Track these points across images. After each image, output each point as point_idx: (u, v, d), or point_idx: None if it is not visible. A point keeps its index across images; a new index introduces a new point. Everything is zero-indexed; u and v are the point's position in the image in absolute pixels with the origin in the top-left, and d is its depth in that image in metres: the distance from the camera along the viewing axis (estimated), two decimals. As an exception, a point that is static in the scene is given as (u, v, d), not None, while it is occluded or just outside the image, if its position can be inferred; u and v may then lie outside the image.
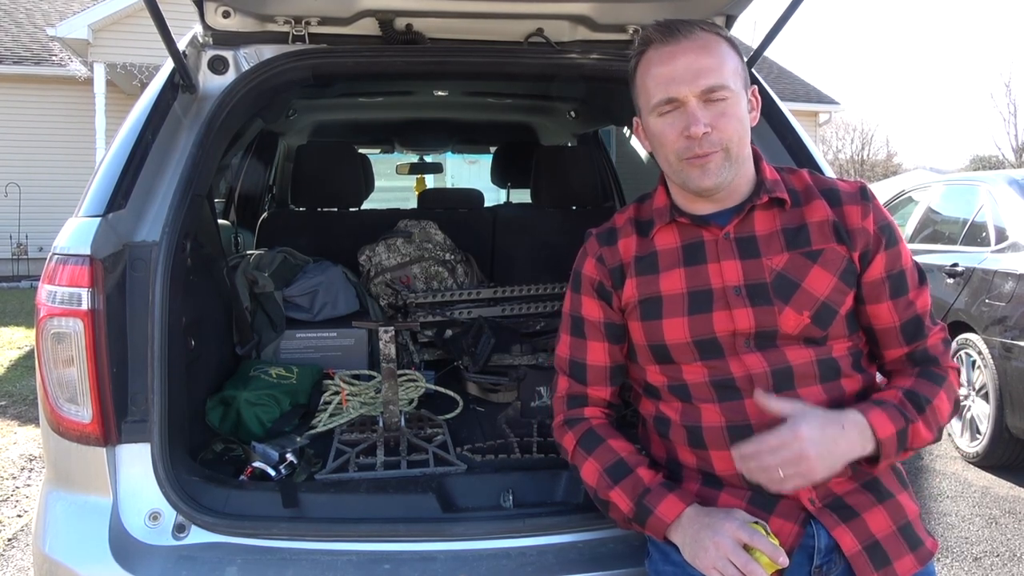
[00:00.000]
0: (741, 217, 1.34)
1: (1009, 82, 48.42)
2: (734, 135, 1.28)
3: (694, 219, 1.36)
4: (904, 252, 1.36)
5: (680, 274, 1.35)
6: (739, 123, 1.29)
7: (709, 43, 1.29)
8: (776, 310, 1.29)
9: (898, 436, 1.23)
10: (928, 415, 1.27)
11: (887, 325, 1.34)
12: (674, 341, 1.33)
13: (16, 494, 3.75)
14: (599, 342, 1.43)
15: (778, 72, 16.75)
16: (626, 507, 1.32)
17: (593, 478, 1.37)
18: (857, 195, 1.36)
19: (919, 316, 1.34)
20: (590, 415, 1.44)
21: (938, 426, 1.29)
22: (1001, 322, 4.12)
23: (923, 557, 1.28)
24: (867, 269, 1.33)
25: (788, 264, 1.31)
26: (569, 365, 1.46)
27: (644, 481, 1.32)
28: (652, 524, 1.29)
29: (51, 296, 1.50)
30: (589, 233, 1.48)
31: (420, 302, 2.73)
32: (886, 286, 1.33)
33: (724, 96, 1.27)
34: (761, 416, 1.26)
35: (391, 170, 5.86)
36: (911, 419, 1.25)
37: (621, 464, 1.35)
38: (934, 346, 1.35)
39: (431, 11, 1.96)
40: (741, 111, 1.30)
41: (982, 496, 3.95)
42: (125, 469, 1.53)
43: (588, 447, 1.39)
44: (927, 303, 1.37)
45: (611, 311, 1.42)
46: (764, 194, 1.33)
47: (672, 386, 1.36)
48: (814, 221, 1.34)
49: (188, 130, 1.80)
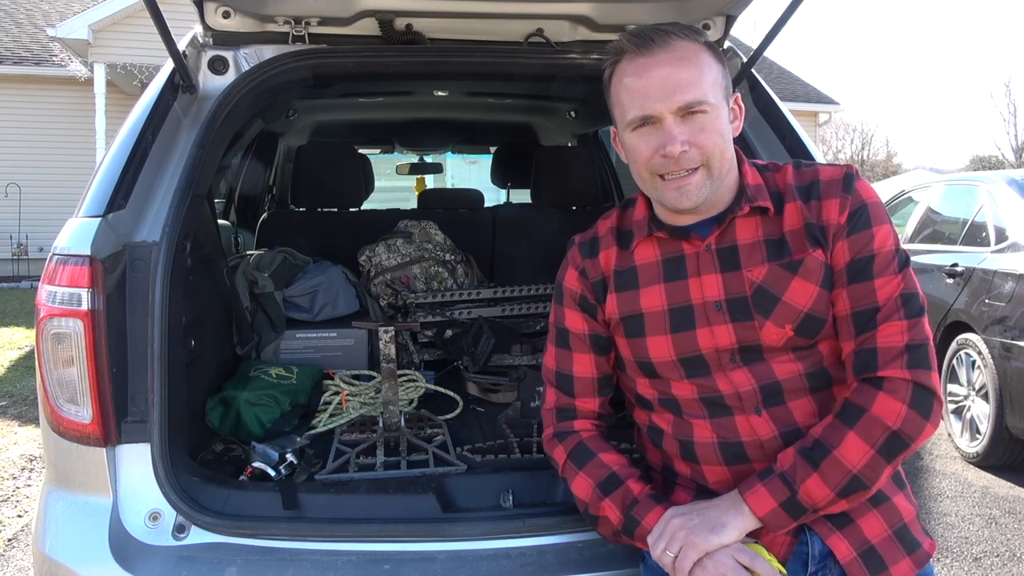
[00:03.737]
0: (723, 228, 1.29)
1: (1009, 82, 48.56)
2: (715, 150, 1.22)
3: (673, 232, 1.32)
4: (880, 237, 1.24)
5: (660, 290, 1.32)
6: (719, 137, 1.22)
7: (686, 54, 1.21)
8: (757, 324, 1.26)
9: (784, 507, 1.18)
10: (825, 468, 1.17)
11: (841, 313, 1.25)
12: (659, 359, 1.31)
13: (16, 494, 3.75)
14: (585, 354, 1.41)
15: (778, 72, 16.74)
16: (615, 518, 1.31)
17: (585, 493, 1.35)
18: (839, 185, 1.27)
19: (878, 306, 1.21)
20: (580, 428, 1.42)
21: (849, 475, 1.17)
22: (1001, 322, 4.12)
23: (920, 560, 1.26)
24: (831, 257, 1.26)
25: (768, 276, 1.26)
26: (556, 377, 1.44)
27: (633, 492, 1.30)
28: (640, 534, 1.28)
29: (51, 296, 1.50)
30: (572, 241, 1.45)
31: (420, 302, 2.72)
32: (845, 272, 1.24)
33: (703, 111, 1.20)
34: (752, 434, 1.26)
35: (391, 170, 5.86)
36: (796, 486, 1.17)
37: (613, 477, 1.33)
38: (886, 348, 1.19)
39: (431, 11, 1.95)
40: (722, 124, 1.23)
41: (982, 496, 3.94)
42: (125, 469, 1.53)
43: (579, 462, 1.37)
44: (896, 292, 1.21)
45: (596, 324, 1.40)
46: (746, 203, 1.28)
47: (663, 399, 1.34)
48: (789, 230, 1.28)
49: (188, 130, 1.80)
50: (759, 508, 1.19)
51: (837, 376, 1.28)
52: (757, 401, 1.26)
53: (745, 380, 1.27)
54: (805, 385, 1.27)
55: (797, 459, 1.20)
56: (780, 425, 1.26)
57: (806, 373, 1.27)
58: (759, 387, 1.27)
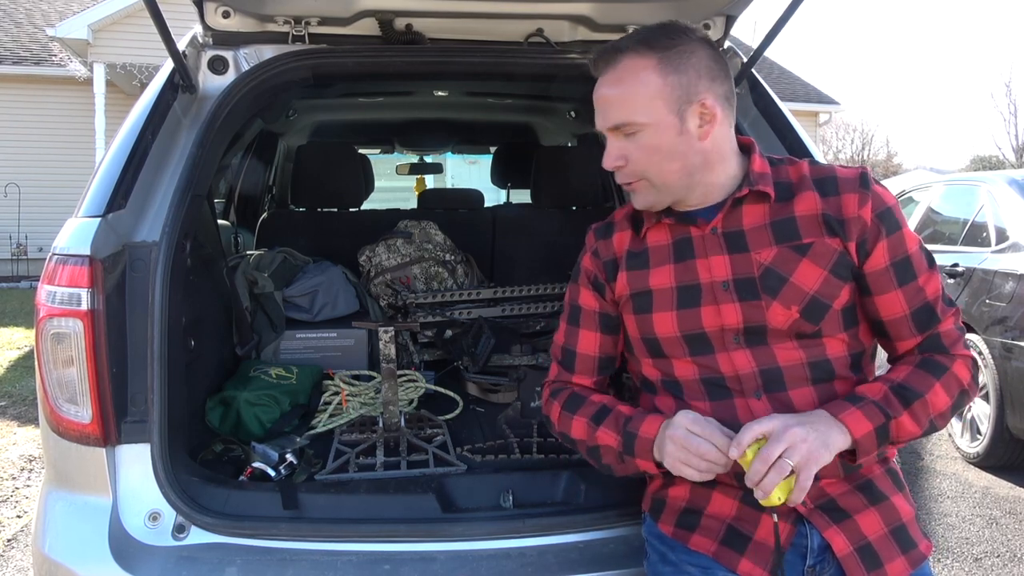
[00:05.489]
0: (725, 212, 1.33)
1: (1009, 82, 48.50)
2: (648, 165, 1.29)
3: (680, 217, 1.36)
4: (909, 236, 1.31)
5: (669, 270, 1.36)
6: (654, 153, 1.28)
7: (625, 73, 1.28)
8: (764, 304, 1.28)
9: (876, 432, 1.22)
10: (916, 408, 1.24)
11: (897, 315, 1.30)
12: (664, 335, 1.34)
13: (16, 494, 3.75)
14: (591, 331, 1.45)
15: (778, 72, 16.75)
16: (614, 441, 1.33)
17: (581, 430, 1.39)
18: (856, 182, 1.31)
19: (930, 302, 1.30)
20: (571, 385, 1.48)
21: (930, 419, 1.25)
22: (1001, 322, 4.12)
23: (916, 560, 1.27)
24: (868, 259, 1.29)
25: (776, 258, 1.29)
26: (562, 352, 1.50)
27: (624, 412, 1.35)
28: (640, 449, 1.29)
29: (51, 296, 1.50)
30: (589, 228, 1.51)
31: (420, 302, 2.72)
32: (892, 274, 1.29)
33: (633, 131, 1.28)
34: (751, 418, 1.26)
35: (391, 170, 5.86)
36: (892, 415, 1.22)
37: (603, 409, 1.38)
38: (947, 333, 1.31)
39: (431, 11, 1.95)
40: (658, 140, 1.27)
41: (982, 496, 3.94)
42: (125, 469, 1.53)
43: (572, 408, 1.42)
44: (938, 287, 1.31)
45: (605, 302, 1.44)
46: (746, 187, 1.31)
47: (666, 381, 1.37)
48: (802, 214, 1.31)
49: (188, 130, 1.80)
50: (857, 429, 1.21)
51: (840, 371, 1.30)
52: (757, 385, 1.28)
53: (746, 362, 1.29)
54: (807, 375, 1.28)
55: (888, 394, 1.24)
56: (779, 411, 1.26)
57: (808, 363, 1.28)
58: (759, 371, 1.28)
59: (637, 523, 1.49)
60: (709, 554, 1.30)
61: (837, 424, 1.20)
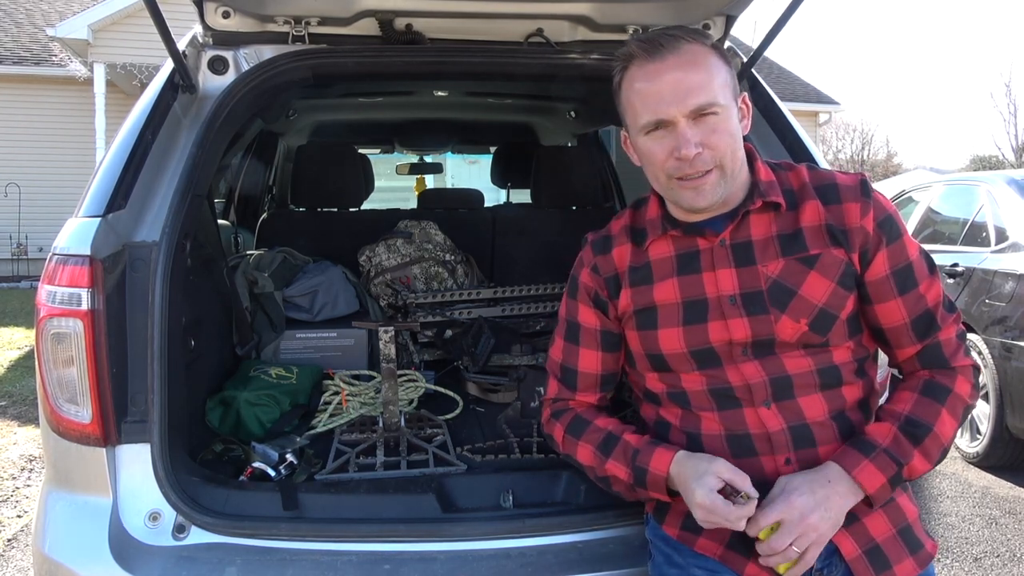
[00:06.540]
0: (736, 223, 1.31)
1: (1009, 82, 48.52)
2: (727, 151, 1.24)
3: (688, 229, 1.33)
4: (909, 244, 1.30)
5: (674, 284, 1.33)
6: (731, 137, 1.24)
7: (696, 57, 1.23)
8: (772, 319, 1.26)
9: (890, 482, 1.23)
10: (927, 445, 1.24)
11: (897, 323, 1.30)
12: (670, 351, 1.32)
13: (16, 494, 3.75)
14: (592, 350, 1.43)
15: (778, 72, 16.74)
16: (624, 474, 1.33)
17: (588, 457, 1.38)
18: (857, 190, 1.30)
19: (930, 309, 1.29)
20: (574, 405, 1.47)
21: (941, 450, 1.25)
22: (1001, 322, 4.12)
23: (923, 560, 1.27)
24: (868, 268, 1.29)
25: (784, 271, 1.28)
26: (561, 370, 1.47)
27: (632, 444, 1.33)
28: (652, 482, 1.30)
29: (51, 296, 1.50)
30: (586, 239, 1.47)
31: (420, 302, 2.72)
32: (892, 282, 1.28)
33: (714, 112, 1.22)
34: (760, 427, 1.26)
35: (391, 170, 5.86)
36: (904, 461, 1.23)
37: (610, 437, 1.37)
38: (947, 341, 1.30)
39: (431, 11, 1.95)
40: (732, 125, 1.25)
41: (982, 496, 3.94)
42: (125, 469, 1.53)
43: (576, 432, 1.41)
44: (939, 293, 1.31)
45: (607, 320, 1.41)
46: (758, 198, 1.30)
47: (671, 393, 1.35)
48: (807, 225, 1.30)
49: (188, 130, 1.80)
50: (870, 485, 1.22)
51: (848, 376, 1.29)
52: (767, 394, 1.27)
53: (756, 372, 1.28)
54: (816, 381, 1.28)
55: (898, 436, 1.24)
56: (789, 419, 1.27)
57: (817, 370, 1.28)
58: (769, 380, 1.27)
59: (637, 523, 1.50)
60: (716, 557, 1.30)
61: (851, 485, 1.21)
